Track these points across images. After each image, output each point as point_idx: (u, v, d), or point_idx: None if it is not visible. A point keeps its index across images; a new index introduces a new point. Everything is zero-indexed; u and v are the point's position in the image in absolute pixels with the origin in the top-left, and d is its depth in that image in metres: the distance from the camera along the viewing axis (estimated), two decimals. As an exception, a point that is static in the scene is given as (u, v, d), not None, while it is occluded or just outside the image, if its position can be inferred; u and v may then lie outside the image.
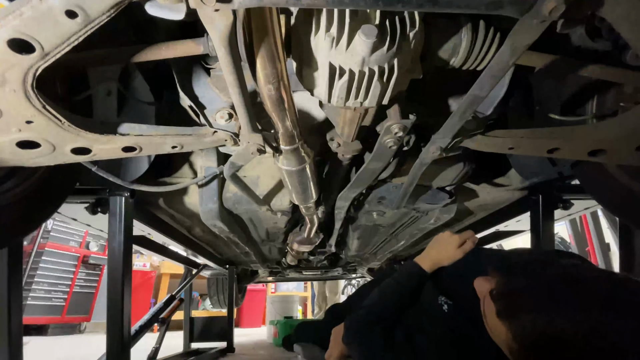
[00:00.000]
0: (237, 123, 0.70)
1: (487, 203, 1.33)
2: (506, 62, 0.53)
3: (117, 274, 1.00)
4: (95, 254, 4.49)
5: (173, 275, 4.88)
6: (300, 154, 0.80)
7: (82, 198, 1.03)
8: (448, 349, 0.66)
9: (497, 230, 1.48)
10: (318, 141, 0.94)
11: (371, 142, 0.82)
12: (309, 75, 0.57)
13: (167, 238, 1.49)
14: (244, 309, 5.26)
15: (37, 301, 3.82)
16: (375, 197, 1.12)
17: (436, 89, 0.77)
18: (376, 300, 0.84)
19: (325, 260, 2.80)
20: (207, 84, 0.74)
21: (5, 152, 0.58)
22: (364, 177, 0.89)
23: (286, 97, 0.57)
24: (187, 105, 0.74)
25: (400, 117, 0.64)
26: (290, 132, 0.69)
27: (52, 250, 4.02)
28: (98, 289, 4.56)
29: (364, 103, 0.57)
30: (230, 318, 2.45)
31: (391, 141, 0.68)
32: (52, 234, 4.06)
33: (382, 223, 1.48)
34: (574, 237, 3.77)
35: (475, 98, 0.59)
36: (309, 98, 0.81)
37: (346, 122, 0.67)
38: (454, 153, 0.80)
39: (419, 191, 1.10)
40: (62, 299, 4.11)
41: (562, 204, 1.07)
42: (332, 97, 0.56)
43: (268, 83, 0.51)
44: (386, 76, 0.52)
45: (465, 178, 1.03)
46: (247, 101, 0.55)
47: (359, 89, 0.54)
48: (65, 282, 4.15)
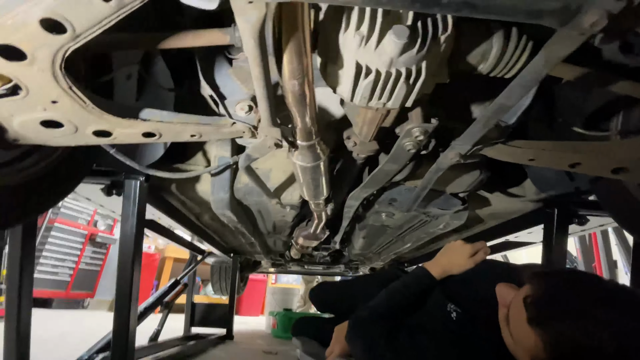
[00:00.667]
0: (256, 115, 0.70)
1: (499, 212, 1.31)
2: (539, 72, 0.52)
3: (128, 255, 1.02)
4: (103, 233, 4.58)
5: (177, 259, 4.95)
6: (316, 150, 0.79)
7: (98, 179, 1.05)
8: (451, 351, 0.66)
9: (506, 240, 1.46)
10: (333, 138, 0.93)
11: (388, 144, 0.82)
12: (333, 73, 0.56)
13: (176, 223, 1.50)
14: (244, 297, 5.32)
15: (43, 275, 3.92)
16: (387, 198, 1.11)
17: (459, 94, 0.76)
18: (382, 301, 0.84)
19: (329, 256, 2.81)
20: (228, 75, 0.74)
21: (29, 130, 0.58)
22: (377, 178, 0.89)
23: (309, 93, 0.57)
24: (208, 95, 0.74)
25: (422, 121, 0.63)
26: (308, 128, 0.69)
27: (61, 226, 4.11)
28: (103, 267, 4.65)
29: (386, 104, 0.56)
30: (232, 306, 2.48)
31: (410, 144, 0.67)
32: (62, 210, 4.15)
33: (390, 224, 1.47)
34: (582, 252, 3.72)
35: (502, 107, 0.58)
36: (329, 94, 0.80)
37: (366, 122, 0.67)
38: (472, 160, 0.79)
39: (432, 196, 1.09)
40: (68, 275, 4.21)
41: (577, 219, 1.05)
42: (355, 96, 0.55)
43: (293, 78, 0.51)
44: (412, 79, 0.52)
45: (479, 186, 1.01)
46: (270, 94, 0.55)
47: (383, 90, 0.53)
48: (71, 259, 4.25)
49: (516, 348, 0.55)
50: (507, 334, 0.57)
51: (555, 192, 1.02)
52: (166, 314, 1.94)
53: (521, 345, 0.53)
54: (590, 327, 0.46)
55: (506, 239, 1.42)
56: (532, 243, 1.56)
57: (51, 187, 0.74)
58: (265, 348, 2.16)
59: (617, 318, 0.47)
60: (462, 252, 0.83)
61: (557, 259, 1.02)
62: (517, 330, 0.54)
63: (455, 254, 0.84)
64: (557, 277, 0.54)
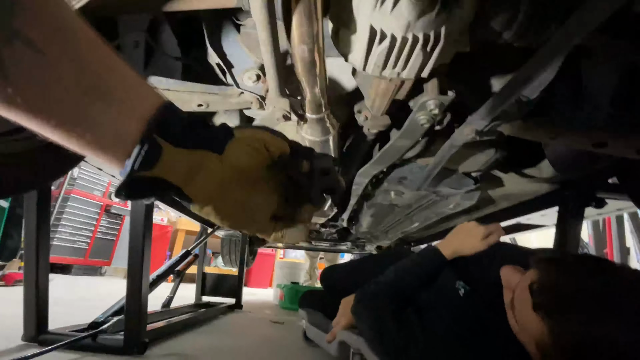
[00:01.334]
0: (264, 85, 0.68)
1: (512, 193, 1.28)
2: (569, 40, 0.47)
3: (139, 224, 1.04)
4: (117, 205, 4.72)
5: (188, 232, 5.09)
6: (326, 124, 0.77)
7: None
8: (457, 328, 0.65)
9: (517, 222, 1.43)
10: (344, 112, 0.90)
11: (400, 118, 0.78)
12: (345, 38, 0.53)
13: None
14: (253, 270, 5.48)
15: (62, 242, 4.10)
16: (397, 176, 1.09)
17: (478, 65, 0.72)
18: (391, 277, 0.83)
19: (336, 233, 2.84)
20: (236, 42, 0.71)
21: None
22: (388, 154, 0.86)
23: (319, 61, 0.54)
24: (215, 63, 0.71)
25: (437, 93, 0.60)
26: (318, 99, 0.66)
27: (77, 197, 4.25)
28: (118, 237, 4.83)
29: (401, 74, 0.53)
30: (241, 277, 2.55)
31: (424, 118, 0.64)
32: (78, 181, 4.27)
33: (398, 203, 1.45)
34: (594, 237, 3.66)
35: (526, 79, 0.54)
36: (340, 66, 0.77)
37: (379, 93, 0.64)
38: (489, 137, 0.75)
39: (443, 174, 1.06)
40: (86, 243, 4.39)
41: (595, 202, 1.02)
42: (368, 64, 0.52)
43: (302, 43, 0.48)
44: (430, 45, 0.48)
45: (494, 165, 0.98)
46: (279, 61, 0.52)
47: (398, 57, 0.50)
48: (88, 228, 4.42)
49: (521, 332, 0.54)
50: (512, 318, 0.56)
51: (574, 173, 0.97)
52: (178, 282, 2.01)
53: (526, 330, 0.53)
54: (599, 316, 0.44)
55: (518, 221, 1.40)
56: (543, 226, 1.53)
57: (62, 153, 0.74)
58: (272, 318, 2.24)
59: (629, 307, 0.45)
60: (475, 234, 0.81)
61: (570, 242, 0.99)
62: (522, 315, 0.53)
63: (467, 235, 0.83)
64: (566, 263, 0.51)
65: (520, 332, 0.54)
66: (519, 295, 0.54)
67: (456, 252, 0.84)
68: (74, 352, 1.01)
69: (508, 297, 0.57)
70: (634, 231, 3.40)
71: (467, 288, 0.71)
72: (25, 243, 1.02)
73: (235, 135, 0.33)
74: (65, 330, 1.08)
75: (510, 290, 0.58)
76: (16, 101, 0.23)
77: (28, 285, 1.03)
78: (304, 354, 1.33)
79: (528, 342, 0.52)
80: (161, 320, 1.52)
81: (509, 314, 0.56)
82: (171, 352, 1.15)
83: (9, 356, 0.85)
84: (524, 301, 0.52)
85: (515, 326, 0.55)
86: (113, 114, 0.27)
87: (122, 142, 0.28)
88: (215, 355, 1.15)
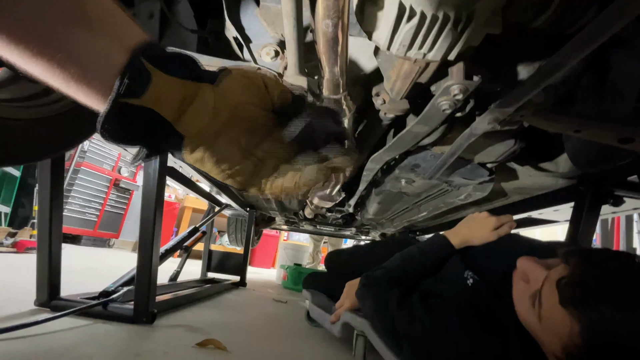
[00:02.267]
0: (282, 62, 0.66)
1: (526, 187, 1.25)
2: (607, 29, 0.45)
3: (150, 197, 1.05)
4: (126, 179, 4.79)
5: (195, 210, 5.16)
6: (342, 106, 0.75)
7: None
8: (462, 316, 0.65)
9: (529, 216, 1.41)
10: (359, 96, 0.88)
11: (419, 104, 0.76)
12: (371, 15, 0.50)
13: (196, 172, 1.53)
14: (257, 250, 5.58)
15: (72, 213, 4.20)
16: (409, 163, 1.07)
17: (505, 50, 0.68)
18: (397, 264, 0.84)
19: (341, 219, 2.85)
20: (255, 16, 0.68)
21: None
22: (404, 140, 0.84)
23: (341, 38, 0.52)
24: (232, 37, 0.69)
25: (463, 77, 0.57)
26: (336, 79, 0.64)
27: (87, 170, 4.32)
28: (127, 211, 4.93)
29: (427, 55, 0.51)
30: (246, 256, 2.59)
31: (446, 103, 0.62)
32: (88, 154, 4.33)
33: (408, 191, 1.44)
34: (602, 235, 3.63)
35: (556, 67, 0.52)
36: (359, 46, 0.75)
37: (400, 75, 0.61)
38: (510, 127, 0.73)
39: (457, 164, 1.04)
40: (95, 215, 4.49)
41: (612, 199, 0.99)
42: (393, 43, 0.50)
43: (327, 17, 0.46)
44: (462, 25, 0.46)
45: (511, 157, 0.95)
46: (301, 36, 0.50)
47: (426, 37, 0.47)
48: (97, 201, 4.50)
49: (541, 329, 0.52)
50: (531, 313, 0.54)
51: (593, 169, 0.95)
52: (185, 257, 2.05)
53: (551, 327, 0.50)
54: (633, 311, 0.43)
55: (529, 214, 1.38)
56: (555, 221, 1.51)
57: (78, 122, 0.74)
58: (275, 297, 2.29)
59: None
60: (486, 224, 0.81)
61: (582, 239, 0.98)
62: (548, 311, 0.51)
63: (478, 225, 0.82)
64: (598, 257, 0.50)
65: (541, 329, 0.52)
66: (546, 290, 0.52)
67: (465, 242, 0.83)
68: (85, 318, 1.04)
69: (528, 291, 0.56)
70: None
71: (475, 278, 0.71)
72: (38, 210, 1.03)
73: (231, 70, 0.31)
74: (76, 297, 1.11)
75: (525, 281, 0.56)
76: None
77: (41, 252, 1.05)
78: (307, 333, 1.36)
79: (549, 340, 0.51)
80: (168, 293, 1.55)
81: (527, 309, 0.55)
82: (178, 323, 1.18)
83: (22, 319, 0.88)
84: (551, 296, 0.50)
85: (534, 322, 0.53)
86: (98, 44, 0.25)
87: (107, 73, 0.26)
88: (221, 329, 1.19)
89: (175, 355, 0.85)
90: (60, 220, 1.06)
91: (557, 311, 0.48)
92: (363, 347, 0.91)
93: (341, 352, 1.12)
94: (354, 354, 0.93)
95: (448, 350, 0.60)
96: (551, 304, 0.50)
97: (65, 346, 0.79)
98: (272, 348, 1.06)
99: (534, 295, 0.54)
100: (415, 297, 0.73)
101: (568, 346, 0.47)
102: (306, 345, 1.17)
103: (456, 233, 0.85)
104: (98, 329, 0.97)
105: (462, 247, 0.83)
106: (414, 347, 0.66)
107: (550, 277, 0.52)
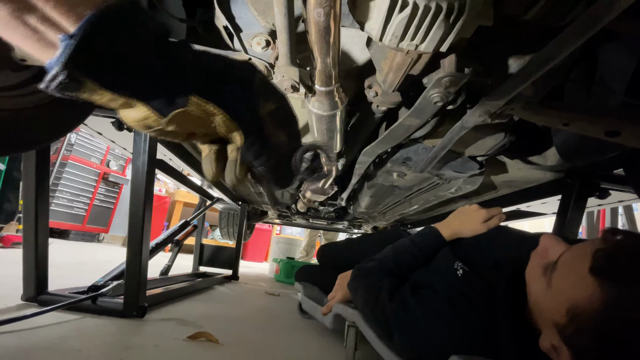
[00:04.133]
0: (273, 52, 0.65)
1: (515, 180, 1.27)
2: (596, 22, 0.45)
3: (139, 190, 1.03)
4: (115, 173, 4.70)
5: (186, 204, 5.12)
6: (334, 98, 0.75)
7: (108, 112, 1.03)
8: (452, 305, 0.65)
9: (517, 209, 1.44)
10: (352, 88, 0.88)
11: (411, 97, 0.76)
12: (363, 5, 0.50)
13: (186, 166, 1.51)
14: (250, 244, 5.57)
15: (60, 208, 4.12)
16: (401, 157, 1.07)
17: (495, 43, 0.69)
18: (389, 255, 0.84)
19: (334, 212, 2.85)
20: (245, 5, 0.67)
21: (33, 49, 0.55)
22: (396, 133, 0.84)
23: (334, 28, 0.51)
24: (222, 26, 0.68)
25: (454, 70, 0.57)
26: (329, 70, 0.64)
27: (74, 163, 4.23)
28: (116, 205, 4.85)
29: (419, 46, 0.51)
30: (238, 250, 2.59)
31: (438, 96, 0.62)
32: (75, 147, 4.23)
33: (399, 185, 1.45)
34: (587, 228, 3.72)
35: (546, 60, 0.52)
36: (353, 36, 0.74)
37: (393, 67, 0.61)
38: (500, 121, 0.74)
39: (448, 157, 1.05)
40: (83, 210, 4.41)
41: (599, 192, 1.01)
42: (385, 34, 0.50)
43: (318, 6, 0.45)
44: (454, 16, 0.45)
45: (500, 150, 0.97)
46: (292, 25, 0.50)
47: (418, 28, 0.47)
48: (86, 195, 4.42)
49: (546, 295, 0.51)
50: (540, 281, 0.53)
51: (580, 162, 0.97)
52: (176, 251, 2.04)
53: (561, 290, 0.49)
54: None
55: (518, 207, 1.40)
56: (542, 214, 1.54)
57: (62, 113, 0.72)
58: (268, 290, 2.29)
59: None
60: (476, 217, 0.82)
61: (569, 231, 1.00)
62: (568, 276, 0.49)
63: (468, 218, 0.83)
64: (635, 236, 0.48)
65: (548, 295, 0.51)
66: (569, 258, 0.50)
67: (456, 234, 0.84)
68: (74, 313, 1.03)
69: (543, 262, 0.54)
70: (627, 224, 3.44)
71: (465, 269, 0.72)
72: (24, 203, 1.01)
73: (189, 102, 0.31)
74: (64, 292, 1.09)
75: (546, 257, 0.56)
76: None
77: (27, 246, 1.03)
78: (299, 324, 1.36)
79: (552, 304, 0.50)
80: (159, 287, 1.54)
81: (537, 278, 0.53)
82: (170, 316, 1.18)
83: (9, 314, 0.87)
84: (578, 263, 0.49)
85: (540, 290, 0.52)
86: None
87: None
88: (213, 322, 1.18)
89: (166, 348, 0.84)
90: (47, 214, 1.04)
91: (580, 276, 0.47)
92: (354, 338, 0.92)
93: (333, 344, 1.13)
94: (346, 344, 0.94)
95: (438, 338, 0.61)
96: (574, 269, 0.49)
97: (53, 340, 0.78)
98: (264, 340, 1.06)
99: (547, 265, 0.54)
100: (406, 287, 0.74)
101: (579, 307, 0.46)
102: (298, 336, 1.17)
103: (447, 225, 0.86)
104: (87, 323, 0.96)
105: (452, 239, 0.84)
106: (405, 337, 0.67)
107: (583, 247, 0.51)
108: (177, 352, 0.83)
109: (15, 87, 0.64)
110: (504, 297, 0.59)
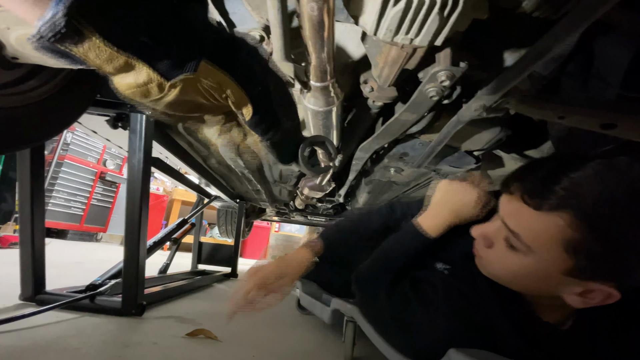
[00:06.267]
0: (268, 48, 0.65)
1: (511, 174, 1.28)
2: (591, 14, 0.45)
3: (136, 188, 1.03)
4: (112, 172, 4.68)
5: (184, 202, 5.11)
6: (330, 93, 0.74)
7: (103, 110, 1.02)
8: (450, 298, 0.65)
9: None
10: (348, 83, 0.88)
11: (407, 92, 0.76)
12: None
13: (183, 164, 1.50)
14: (248, 241, 5.57)
15: (57, 207, 4.10)
16: (398, 152, 1.08)
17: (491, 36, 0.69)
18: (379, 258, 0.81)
19: (332, 209, 2.86)
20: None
21: (27, 47, 0.55)
22: (392, 128, 0.84)
23: (327, 22, 0.51)
24: (216, 21, 0.67)
25: (450, 64, 0.57)
26: (324, 66, 0.63)
27: (71, 163, 4.20)
28: (114, 204, 4.83)
29: (414, 40, 0.50)
30: (237, 247, 2.59)
31: (434, 90, 0.62)
32: (71, 147, 4.20)
33: (397, 180, 1.45)
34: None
35: (543, 52, 0.52)
36: (347, 31, 0.74)
37: (388, 62, 0.61)
38: (496, 114, 0.74)
39: (445, 152, 1.05)
40: (81, 209, 4.39)
41: (593, 185, 1.02)
42: (380, 28, 0.49)
43: (312, 0, 0.45)
44: (448, 9, 0.45)
45: (497, 144, 0.97)
46: (286, 19, 0.49)
47: (413, 22, 0.47)
48: (83, 194, 4.40)
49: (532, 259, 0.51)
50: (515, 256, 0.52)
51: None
52: (174, 250, 2.04)
53: (542, 242, 0.49)
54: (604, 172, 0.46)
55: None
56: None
57: (55, 111, 0.72)
58: (266, 288, 2.29)
59: None
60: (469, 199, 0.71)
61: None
62: (531, 230, 0.49)
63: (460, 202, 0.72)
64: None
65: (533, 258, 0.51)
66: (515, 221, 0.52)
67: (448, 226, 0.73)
68: (72, 312, 1.03)
69: (499, 244, 0.55)
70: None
71: (447, 267, 0.72)
72: (20, 203, 1.00)
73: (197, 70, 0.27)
74: (62, 291, 1.09)
75: (492, 246, 0.57)
76: None
77: (24, 245, 1.02)
78: (298, 320, 1.37)
79: (546, 258, 0.49)
80: (158, 285, 1.54)
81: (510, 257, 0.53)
82: (168, 314, 1.18)
83: (7, 314, 0.87)
84: (526, 219, 0.50)
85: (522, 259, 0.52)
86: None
87: None
88: (212, 319, 1.19)
89: (165, 346, 0.85)
90: (43, 213, 1.03)
91: (540, 221, 0.48)
92: (353, 333, 0.93)
93: (331, 339, 1.14)
94: (344, 340, 0.95)
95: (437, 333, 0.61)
96: (530, 225, 0.50)
97: (51, 339, 0.78)
98: (263, 336, 1.07)
99: (507, 239, 0.53)
100: (404, 283, 0.74)
101: (570, 241, 0.46)
102: (297, 332, 1.18)
103: (433, 215, 0.74)
104: (85, 321, 0.96)
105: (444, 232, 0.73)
106: (404, 331, 0.67)
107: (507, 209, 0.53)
108: (176, 350, 0.83)
109: (7, 85, 0.63)
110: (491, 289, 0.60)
